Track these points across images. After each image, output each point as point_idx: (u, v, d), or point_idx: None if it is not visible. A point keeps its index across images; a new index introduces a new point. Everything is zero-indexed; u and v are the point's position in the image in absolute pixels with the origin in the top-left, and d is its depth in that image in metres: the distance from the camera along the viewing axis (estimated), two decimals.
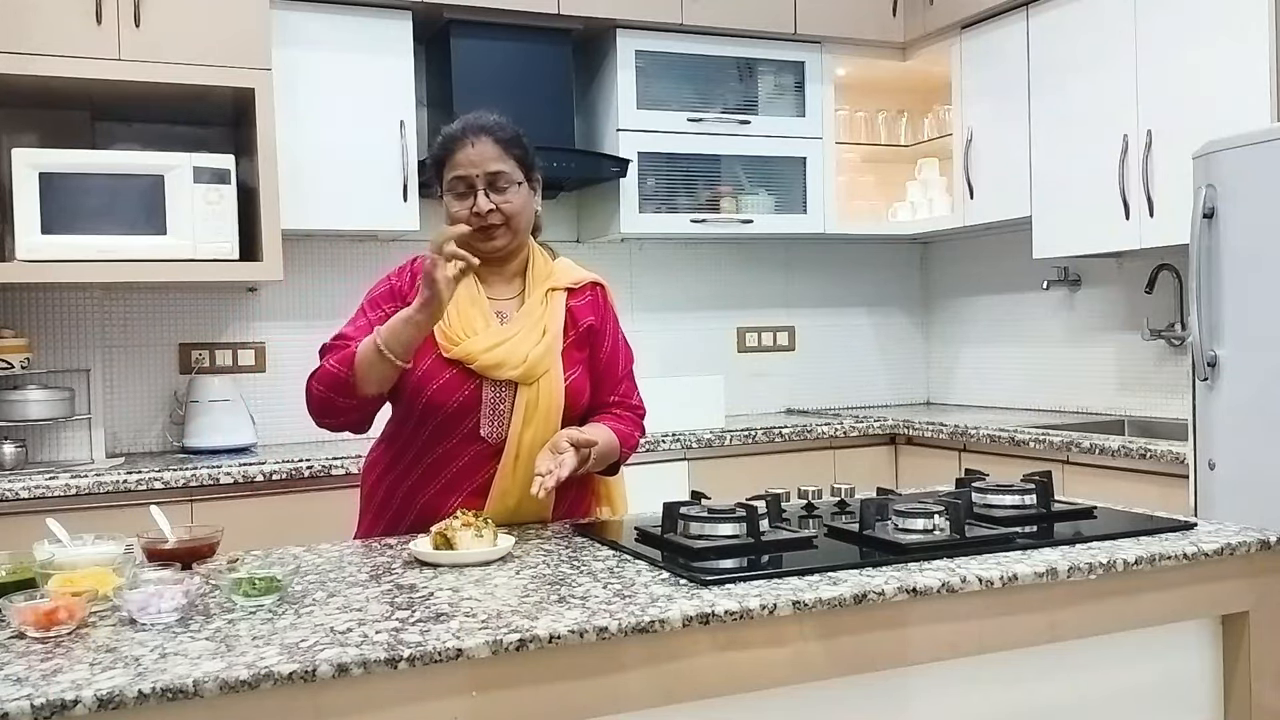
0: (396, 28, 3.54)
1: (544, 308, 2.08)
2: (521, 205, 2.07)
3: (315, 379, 2.01)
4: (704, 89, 4.00)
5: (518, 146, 2.07)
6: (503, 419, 2.01)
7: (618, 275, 4.22)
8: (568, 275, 2.15)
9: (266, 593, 1.50)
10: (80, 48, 3.03)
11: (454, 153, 2.04)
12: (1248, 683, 1.77)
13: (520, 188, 2.06)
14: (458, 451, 2.02)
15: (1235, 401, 2.59)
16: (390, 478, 2.08)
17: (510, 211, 2.04)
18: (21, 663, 1.27)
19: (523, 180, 2.07)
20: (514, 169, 2.05)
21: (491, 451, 2.02)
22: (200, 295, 3.62)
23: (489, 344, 2.00)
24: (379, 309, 2.06)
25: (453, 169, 2.04)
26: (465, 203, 2.03)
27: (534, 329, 2.05)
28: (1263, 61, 2.94)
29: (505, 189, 2.04)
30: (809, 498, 2.05)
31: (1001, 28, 3.82)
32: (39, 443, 3.36)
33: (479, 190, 2.02)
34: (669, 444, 3.59)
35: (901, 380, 4.73)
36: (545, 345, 2.03)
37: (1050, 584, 1.61)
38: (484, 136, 2.04)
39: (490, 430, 2.01)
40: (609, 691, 1.38)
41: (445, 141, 2.07)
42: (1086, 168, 3.50)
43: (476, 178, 2.02)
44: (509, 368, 2.00)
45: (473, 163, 2.02)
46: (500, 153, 2.04)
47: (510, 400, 2.01)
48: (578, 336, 2.11)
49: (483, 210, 2.02)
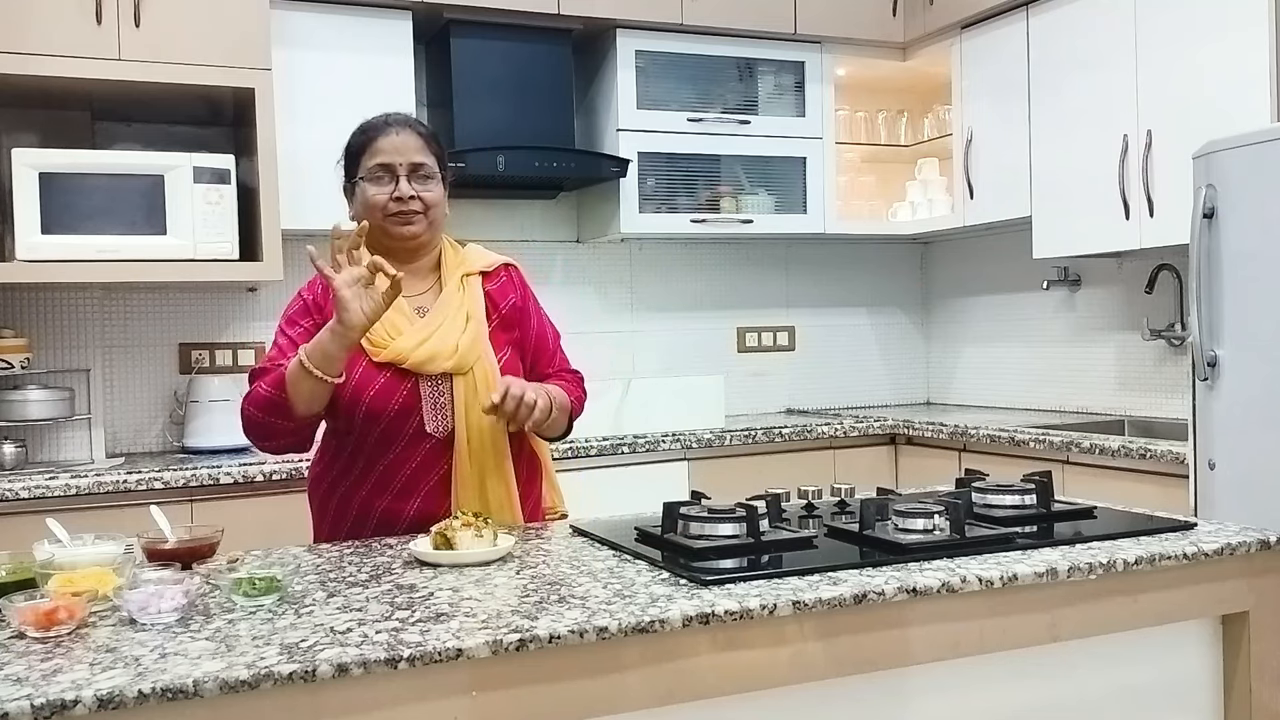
0: (396, 28, 3.54)
1: (462, 294, 2.09)
2: (440, 198, 2.10)
3: (249, 402, 1.99)
4: (704, 89, 4.00)
5: (436, 143, 2.12)
6: (445, 412, 2.02)
7: (618, 275, 4.23)
8: (480, 259, 2.17)
9: (266, 593, 1.50)
10: (80, 48, 3.03)
11: (376, 140, 2.07)
12: (1248, 683, 1.77)
13: (438, 182, 2.09)
14: (408, 454, 2.01)
15: (1235, 401, 2.59)
16: (342, 489, 2.06)
17: (430, 201, 2.07)
18: (21, 663, 1.27)
19: (441, 176, 2.10)
20: (434, 163, 2.09)
21: (441, 447, 2.02)
22: (200, 295, 3.62)
23: (416, 340, 2.00)
24: (296, 325, 2.05)
25: (375, 155, 2.06)
26: (385, 188, 2.04)
27: (457, 317, 2.05)
28: (1263, 61, 2.94)
29: (426, 180, 2.06)
30: (809, 498, 2.05)
31: (1001, 28, 3.82)
32: (39, 443, 3.36)
33: (401, 177, 2.04)
34: (669, 444, 3.59)
35: (901, 380, 4.73)
36: (472, 333, 2.04)
37: (1050, 584, 1.61)
38: (407, 129, 2.08)
39: (435, 425, 2.01)
40: (609, 691, 1.38)
41: (365, 130, 2.10)
42: (1086, 168, 3.50)
43: (399, 165, 2.04)
44: (442, 359, 2.00)
45: (397, 150, 2.05)
46: (423, 145, 2.08)
47: (449, 392, 2.02)
48: (501, 318, 2.13)
49: (405, 195, 2.03)
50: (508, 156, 3.52)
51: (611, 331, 4.16)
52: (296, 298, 2.12)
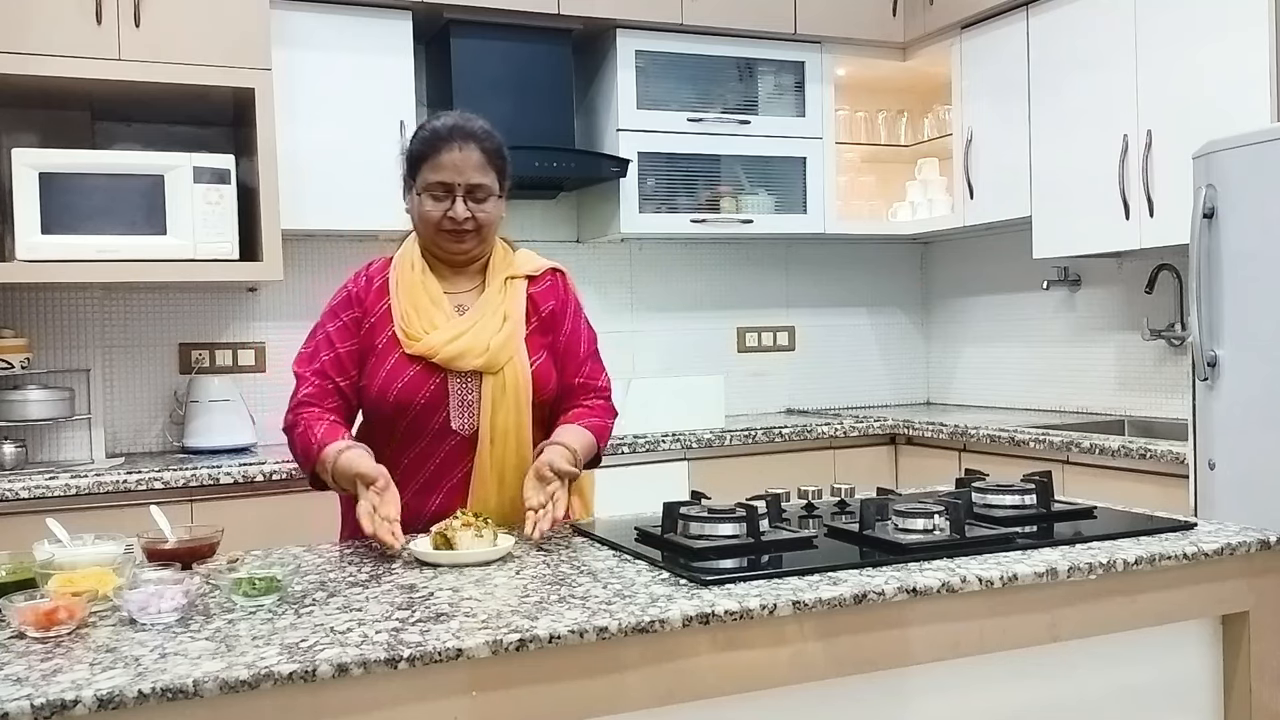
0: (396, 28, 3.54)
1: (503, 296, 2.08)
2: (494, 217, 2.07)
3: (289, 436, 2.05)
4: (704, 89, 4.00)
5: (500, 158, 2.07)
6: (471, 409, 2.02)
7: (618, 275, 4.23)
8: (528, 264, 2.16)
9: (266, 593, 1.50)
10: (80, 48, 3.03)
11: (439, 153, 2.02)
12: (1248, 683, 1.77)
13: (496, 200, 2.07)
14: (432, 449, 2.02)
15: (1235, 401, 2.59)
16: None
17: (484, 222, 2.05)
18: (21, 663, 1.27)
19: (500, 193, 2.08)
20: (494, 181, 2.05)
21: (466, 445, 2.02)
22: (200, 295, 3.62)
23: (449, 336, 2.00)
24: (337, 318, 2.08)
25: (435, 171, 2.02)
26: (441, 205, 2.02)
27: (493, 317, 2.05)
28: (1263, 61, 2.94)
29: (484, 200, 2.04)
30: (809, 498, 2.05)
31: (1001, 28, 3.82)
32: (39, 443, 3.35)
33: (458, 197, 2.01)
34: (669, 444, 3.59)
35: (901, 380, 4.73)
36: (506, 333, 2.04)
37: (1050, 584, 1.61)
38: (471, 143, 2.03)
39: (462, 422, 2.01)
40: (609, 691, 1.38)
41: (430, 139, 2.05)
42: (1086, 168, 3.50)
43: (458, 185, 2.01)
44: (472, 357, 2.00)
45: (457, 168, 2.01)
46: (484, 163, 2.04)
47: (477, 390, 2.01)
48: (540, 323, 2.11)
49: (459, 219, 2.02)
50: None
51: (611, 331, 4.15)
52: (342, 289, 2.12)
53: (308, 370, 2.06)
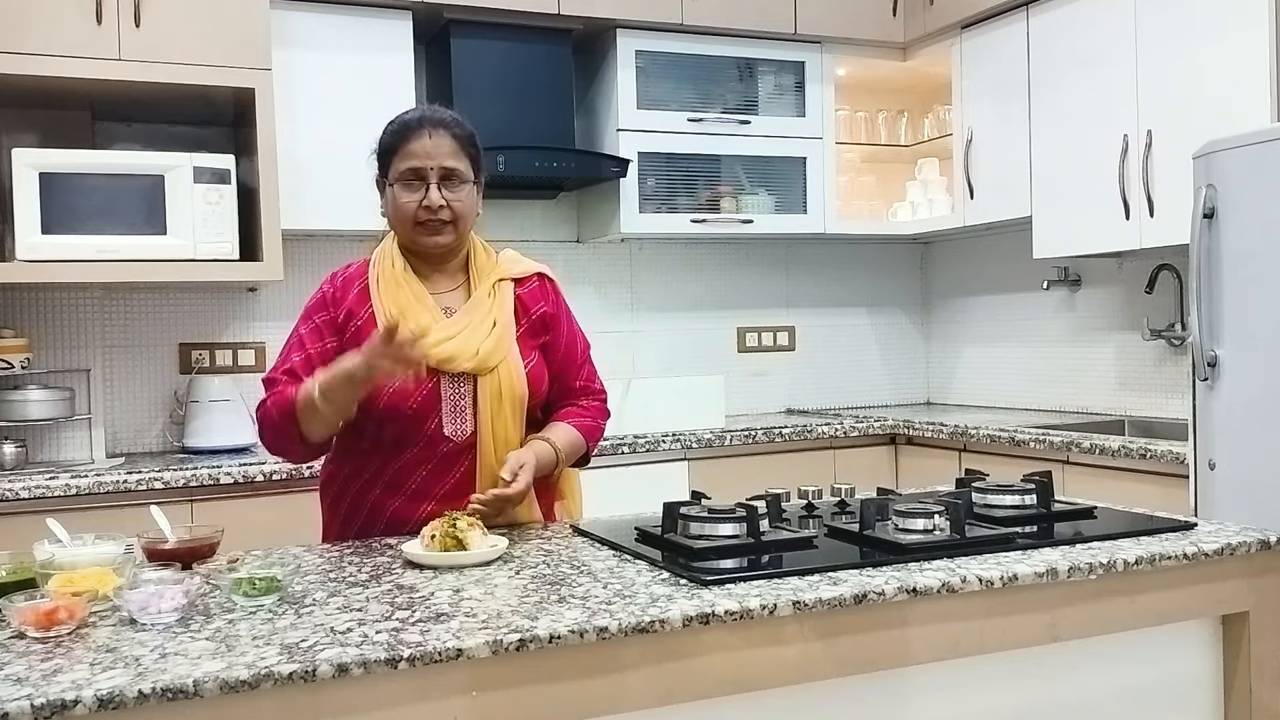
0: (396, 28, 3.54)
1: (492, 299, 2.06)
2: (470, 206, 2.05)
3: (261, 424, 1.99)
4: (704, 89, 4.00)
5: (472, 146, 2.05)
6: (464, 415, 1.99)
7: (618, 275, 4.23)
8: (515, 266, 2.14)
9: (266, 593, 1.50)
10: (80, 48, 3.03)
11: (409, 142, 2.00)
12: (1248, 683, 1.77)
13: (470, 188, 2.04)
14: (424, 456, 1.99)
15: (1235, 401, 2.59)
16: (354, 489, 2.04)
17: (460, 211, 2.02)
18: (21, 663, 1.27)
19: (473, 181, 2.05)
20: (467, 168, 2.03)
21: (457, 451, 1.99)
22: (200, 295, 3.62)
23: (440, 338, 1.96)
24: (310, 320, 2.05)
25: (406, 159, 2.00)
26: (415, 195, 2.00)
27: (484, 321, 2.03)
28: (1263, 61, 2.94)
29: (458, 187, 2.01)
30: (809, 498, 2.05)
31: (1001, 28, 3.82)
32: (39, 443, 3.36)
33: (431, 184, 1.99)
34: (669, 444, 3.59)
35: (901, 380, 4.73)
36: (497, 336, 2.02)
37: (1050, 584, 1.61)
38: (441, 130, 2.01)
39: (454, 428, 1.99)
40: (609, 691, 1.38)
41: (399, 129, 2.03)
42: (1086, 168, 3.50)
43: (430, 170, 1.99)
44: (463, 359, 1.97)
45: (429, 154, 1.99)
46: (457, 149, 2.01)
47: (471, 394, 1.99)
48: (530, 324, 2.10)
49: (434, 205, 1.99)
50: (508, 156, 3.51)
51: (611, 331, 4.16)
52: (317, 291, 2.10)
53: (278, 373, 2.01)
